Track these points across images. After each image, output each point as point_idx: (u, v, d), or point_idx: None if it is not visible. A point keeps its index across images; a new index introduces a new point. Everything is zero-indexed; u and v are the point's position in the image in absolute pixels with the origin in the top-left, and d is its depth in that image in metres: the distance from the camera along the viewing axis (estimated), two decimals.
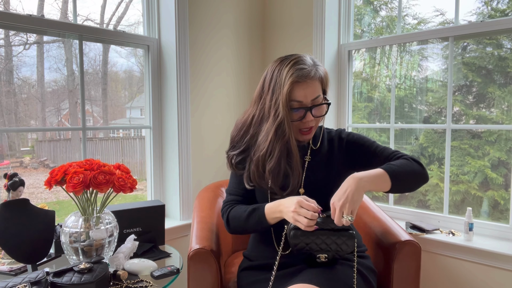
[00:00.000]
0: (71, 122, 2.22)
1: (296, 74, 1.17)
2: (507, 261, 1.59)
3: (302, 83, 1.18)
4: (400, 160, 1.22)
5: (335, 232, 1.09)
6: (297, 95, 1.19)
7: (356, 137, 1.34)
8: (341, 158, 1.32)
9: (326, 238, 1.09)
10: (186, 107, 2.03)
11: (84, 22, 1.91)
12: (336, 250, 1.10)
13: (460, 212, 1.94)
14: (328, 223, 1.10)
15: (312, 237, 1.09)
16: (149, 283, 1.22)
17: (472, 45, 1.89)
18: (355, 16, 2.26)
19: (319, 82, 1.23)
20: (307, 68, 1.19)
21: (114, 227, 1.31)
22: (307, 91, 1.19)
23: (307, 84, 1.19)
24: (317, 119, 1.25)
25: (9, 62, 1.77)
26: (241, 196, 1.33)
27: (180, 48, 1.98)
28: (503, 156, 1.81)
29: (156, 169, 2.11)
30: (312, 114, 1.21)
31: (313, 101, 1.21)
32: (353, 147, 1.32)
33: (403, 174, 1.16)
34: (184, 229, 2.03)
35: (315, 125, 1.26)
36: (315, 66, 1.22)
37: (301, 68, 1.18)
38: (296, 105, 1.20)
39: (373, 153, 1.28)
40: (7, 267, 1.30)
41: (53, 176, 1.20)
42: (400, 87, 2.13)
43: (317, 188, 1.26)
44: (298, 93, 1.19)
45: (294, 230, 1.11)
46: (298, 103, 1.20)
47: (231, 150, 1.34)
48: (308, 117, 1.21)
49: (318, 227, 1.09)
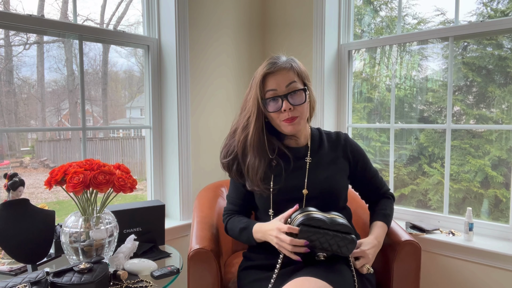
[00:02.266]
0: (71, 122, 2.22)
1: (267, 67, 1.24)
2: (507, 261, 1.59)
3: (273, 73, 1.23)
4: (390, 204, 1.43)
5: (340, 234, 1.10)
6: (269, 84, 1.23)
7: (361, 152, 1.41)
8: (345, 161, 1.35)
9: (331, 238, 1.09)
10: (186, 107, 2.03)
11: (84, 22, 1.91)
12: (336, 251, 1.10)
13: (460, 212, 1.94)
14: (336, 224, 1.11)
15: (319, 235, 1.09)
16: (149, 283, 1.22)
17: (472, 45, 1.89)
18: (355, 16, 2.26)
19: (293, 72, 1.25)
20: (278, 61, 1.25)
21: (114, 227, 1.31)
22: (278, 79, 1.23)
23: (278, 73, 1.23)
24: (298, 108, 1.24)
25: (9, 62, 1.77)
26: (238, 206, 1.40)
27: (180, 48, 1.98)
28: (503, 155, 1.81)
29: (156, 169, 2.11)
30: (289, 102, 1.22)
31: (288, 88, 1.23)
32: (357, 159, 1.38)
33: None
34: (184, 229, 2.03)
35: (300, 115, 1.25)
36: (289, 60, 1.27)
37: (272, 62, 1.25)
38: (271, 94, 1.23)
39: (368, 181, 1.42)
40: (7, 267, 1.30)
41: (53, 176, 1.20)
42: (400, 87, 2.13)
43: (320, 189, 1.27)
44: (270, 82, 1.23)
45: (302, 226, 1.10)
46: (273, 91, 1.23)
47: (224, 158, 1.36)
48: (285, 105, 1.21)
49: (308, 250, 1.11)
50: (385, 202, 1.42)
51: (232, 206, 1.42)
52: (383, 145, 2.22)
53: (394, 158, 2.11)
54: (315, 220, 1.10)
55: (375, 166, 2.23)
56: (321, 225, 1.10)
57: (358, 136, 2.30)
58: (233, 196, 1.42)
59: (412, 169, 2.11)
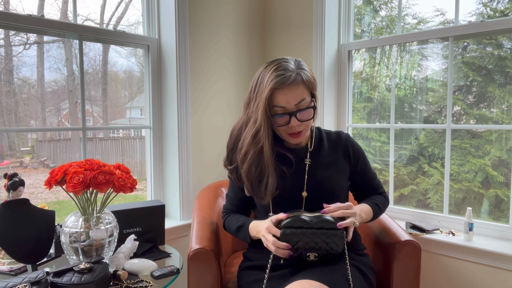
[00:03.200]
0: (71, 122, 2.22)
1: (276, 81, 1.16)
2: (507, 261, 1.59)
3: (282, 89, 1.16)
4: (383, 201, 1.40)
5: (324, 231, 1.09)
6: (279, 101, 1.18)
7: (362, 153, 1.39)
8: (345, 161, 1.34)
9: (315, 237, 1.09)
10: (186, 107, 2.03)
11: (84, 22, 1.91)
12: (325, 249, 1.09)
13: (460, 212, 1.94)
14: (319, 222, 1.10)
15: (301, 235, 1.09)
16: (149, 283, 1.22)
17: (472, 45, 1.89)
18: (355, 16, 2.26)
19: (303, 86, 1.19)
20: (287, 74, 1.16)
21: (114, 227, 1.31)
22: (288, 96, 1.17)
23: (288, 89, 1.16)
24: (305, 123, 1.22)
25: (9, 62, 1.77)
26: (235, 206, 1.42)
27: (180, 48, 1.98)
28: (503, 155, 1.81)
29: (156, 169, 2.11)
30: (297, 118, 1.19)
31: (297, 106, 1.19)
32: (357, 159, 1.37)
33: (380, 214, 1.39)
34: (184, 229, 2.03)
35: (305, 128, 1.24)
36: (298, 70, 1.19)
37: (280, 74, 1.17)
38: (280, 110, 1.19)
39: (366, 182, 1.40)
40: (7, 267, 1.30)
41: (53, 176, 1.20)
42: (400, 87, 2.13)
43: (320, 190, 1.26)
44: (280, 98, 1.17)
45: (283, 229, 1.11)
46: (282, 108, 1.19)
47: (229, 165, 1.35)
48: (293, 122, 1.19)
49: (291, 253, 1.10)
50: (378, 197, 1.40)
51: (230, 205, 1.44)
52: (383, 145, 2.22)
53: (394, 158, 2.11)
54: (297, 221, 1.10)
55: (375, 166, 2.24)
56: (303, 225, 1.09)
57: (358, 136, 2.30)
58: (232, 197, 1.42)
59: (412, 169, 2.11)
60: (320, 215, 1.12)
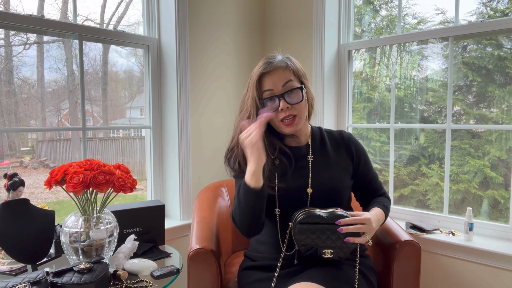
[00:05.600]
0: (71, 122, 2.22)
1: (263, 67, 1.24)
2: (507, 261, 1.59)
3: (269, 73, 1.22)
4: (387, 201, 1.39)
5: None
6: (265, 84, 1.23)
7: (364, 153, 1.39)
8: (348, 160, 1.34)
9: (331, 233, 1.09)
10: (186, 107, 2.03)
11: (84, 22, 1.91)
12: (341, 246, 1.09)
13: (460, 212, 1.94)
14: (334, 217, 1.09)
15: (318, 231, 1.08)
16: (149, 283, 1.22)
17: (472, 45, 1.89)
18: (355, 16, 2.26)
19: (289, 71, 1.24)
20: (273, 60, 1.25)
21: (114, 227, 1.31)
22: (274, 78, 1.22)
23: (274, 72, 1.22)
24: (296, 107, 1.22)
25: (9, 62, 1.77)
26: None
27: (180, 48, 1.98)
28: (503, 155, 1.81)
29: (156, 169, 2.11)
30: (286, 101, 1.21)
31: (284, 87, 1.22)
32: (359, 158, 1.36)
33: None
34: (184, 229, 2.03)
35: (298, 114, 1.23)
36: (284, 58, 1.27)
37: (267, 61, 1.25)
38: (268, 94, 1.23)
39: (368, 182, 1.39)
40: (7, 267, 1.30)
41: (53, 176, 1.20)
42: (400, 87, 2.13)
43: (324, 187, 1.26)
44: (266, 82, 1.23)
45: (299, 225, 1.10)
46: (270, 91, 1.23)
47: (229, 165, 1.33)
48: (282, 105, 1.21)
49: (271, 114, 1.17)
50: (383, 198, 1.39)
51: None
52: (383, 145, 2.22)
53: (394, 158, 2.11)
54: (312, 217, 1.10)
55: (375, 166, 2.24)
56: (319, 221, 1.09)
57: (358, 136, 2.30)
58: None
59: (412, 169, 2.11)
60: (334, 211, 1.12)
